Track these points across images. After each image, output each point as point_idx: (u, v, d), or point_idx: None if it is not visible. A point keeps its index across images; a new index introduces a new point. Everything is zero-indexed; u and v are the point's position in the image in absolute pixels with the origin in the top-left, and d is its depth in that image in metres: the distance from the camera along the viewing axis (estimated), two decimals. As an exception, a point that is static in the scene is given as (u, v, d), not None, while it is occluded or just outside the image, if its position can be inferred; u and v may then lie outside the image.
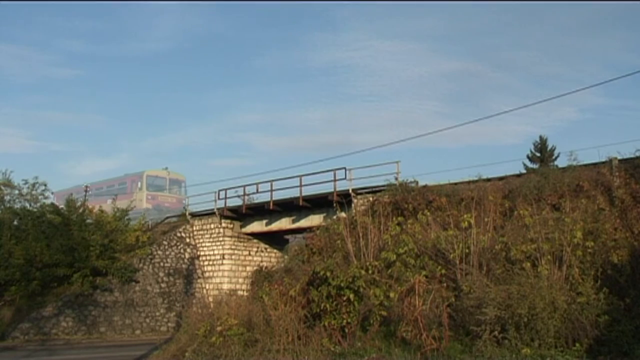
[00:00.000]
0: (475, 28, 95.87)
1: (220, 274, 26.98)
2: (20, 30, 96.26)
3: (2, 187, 29.05)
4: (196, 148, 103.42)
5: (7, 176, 29.93)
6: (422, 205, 16.67)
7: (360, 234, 15.37)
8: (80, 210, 26.06)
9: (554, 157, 32.64)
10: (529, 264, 11.63)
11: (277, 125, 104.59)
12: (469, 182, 17.08)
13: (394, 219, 16.26)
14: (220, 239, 27.27)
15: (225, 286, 26.05)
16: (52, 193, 41.23)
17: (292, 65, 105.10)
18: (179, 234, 28.11)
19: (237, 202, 27.03)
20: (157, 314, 25.19)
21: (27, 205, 27.88)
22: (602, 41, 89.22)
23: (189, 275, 27.25)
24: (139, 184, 36.56)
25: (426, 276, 12.66)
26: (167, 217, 30.96)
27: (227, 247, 27.12)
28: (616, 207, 13.83)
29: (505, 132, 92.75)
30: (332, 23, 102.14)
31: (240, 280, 27.02)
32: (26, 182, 29.11)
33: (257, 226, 26.92)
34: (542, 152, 33.63)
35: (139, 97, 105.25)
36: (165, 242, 27.35)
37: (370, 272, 12.58)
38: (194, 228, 28.58)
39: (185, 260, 27.53)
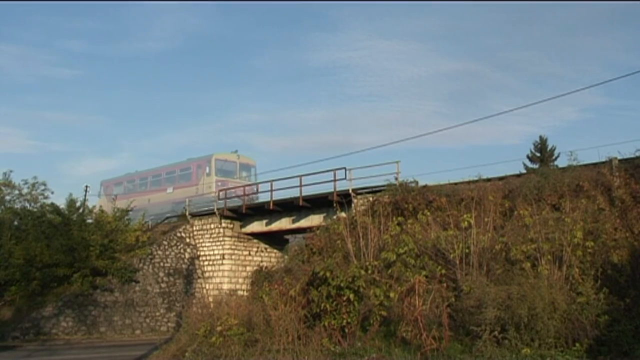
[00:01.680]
0: (475, 28, 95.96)
1: (220, 274, 26.97)
2: (20, 30, 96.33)
3: (2, 187, 29.13)
4: (196, 148, 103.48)
5: (7, 176, 30.02)
6: (422, 205, 16.66)
7: (360, 234, 15.37)
8: (81, 210, 26.09)
9: (554, 157, 32.70)
10: (529, 264, 11.63)
11: (277, 125, 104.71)
12: (469, 182, 17.07)
13: (394, 219, 16.25)
14: (220, 239, 27.27)
15: (225, 286, 26.04)
16: (101, 183, 38.70)
17: (292, 65, 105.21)
18: (179, 234, 28.11)
19: (237, 202, 27.04)
20: (157, 314, 25.19)
21: (27, 205, 27.98)
22: (602, 41, 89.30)
23: (189, 275, 27.25)
24: (207, 168, 31.55)
25: (426, 276, 12.65)
26: (167, 217, 30.94)
27: (227, 247, 27.11)
28: (616, 207, 13.82)
29: (505, 132, 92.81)
30: (331, 23, 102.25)
31: (240, 280, 27.01)
32: (26, 182, 29.22)
33: (257, 226, 26.92)
34: (542, 152, 33.70)
35: (138, 97, 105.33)
36: (165, 242, 27.35)
37: (370, 272, 12.57)
38: (194, 228, 28.58)
39: (185, 260, 27.53)
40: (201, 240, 28.10)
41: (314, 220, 23.32)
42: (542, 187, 15.06)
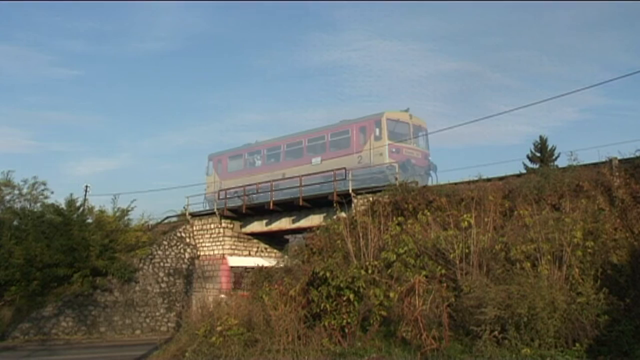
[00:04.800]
0: (475, 28, 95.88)
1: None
2: (20, 30, 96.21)
3: (2, 187, 29.13)
4: (196, 148, 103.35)
5: (7, 176, 30.01)
6: (422, 206, 16.64)
7: (360, 234, 15.35)
8: (81, 210, 26.12)
9: (554, 157, 32.67)
10: (529, 264, 11.63)
11: (277, 125, 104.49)
12: (469, 182, 17.06)
13: (394, 219, 16.25)
14: (220, 239, 27.27)
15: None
16: (209, 157, 31.93)
17: (292, 65, 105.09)
18: (179, 234, 28.11)
19: (237, 202, 27.06)
20: (157, 314, 25.22)
21: (27, 205, 27.98)
22: (602, 41, 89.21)
23: (189, 275, 27.26)
24: (377, 130, 24.14)
25: (426, 276, 12.65)
26: (167, 217, 30.94)
27: (227, 247, 27.11)
28: (616, 207, 13.81)
29: (505, 132, 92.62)
30: (331, 23, 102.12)
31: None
32: (25, 182, 29.21)
33: (257, 226, 26.93)
34: (542, 152, 33.67)
35: (138, 97, 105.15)
36: (165, 242, 27.36)
37: (370, 272, 12.58)
38: (194, 228, 28.59)
39: (185, 260, 27.54)
40: (201, 240, 28.11)
41: (314, 220, 23.32)
42: (542, 187, 15.05)
